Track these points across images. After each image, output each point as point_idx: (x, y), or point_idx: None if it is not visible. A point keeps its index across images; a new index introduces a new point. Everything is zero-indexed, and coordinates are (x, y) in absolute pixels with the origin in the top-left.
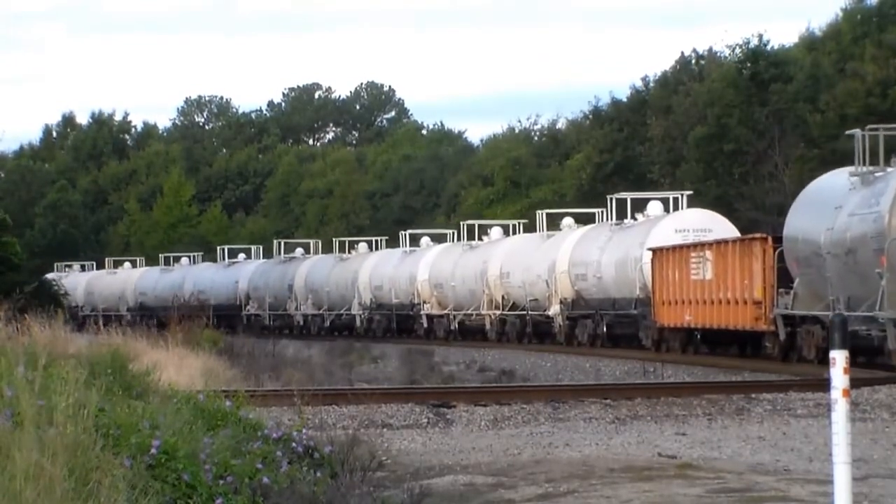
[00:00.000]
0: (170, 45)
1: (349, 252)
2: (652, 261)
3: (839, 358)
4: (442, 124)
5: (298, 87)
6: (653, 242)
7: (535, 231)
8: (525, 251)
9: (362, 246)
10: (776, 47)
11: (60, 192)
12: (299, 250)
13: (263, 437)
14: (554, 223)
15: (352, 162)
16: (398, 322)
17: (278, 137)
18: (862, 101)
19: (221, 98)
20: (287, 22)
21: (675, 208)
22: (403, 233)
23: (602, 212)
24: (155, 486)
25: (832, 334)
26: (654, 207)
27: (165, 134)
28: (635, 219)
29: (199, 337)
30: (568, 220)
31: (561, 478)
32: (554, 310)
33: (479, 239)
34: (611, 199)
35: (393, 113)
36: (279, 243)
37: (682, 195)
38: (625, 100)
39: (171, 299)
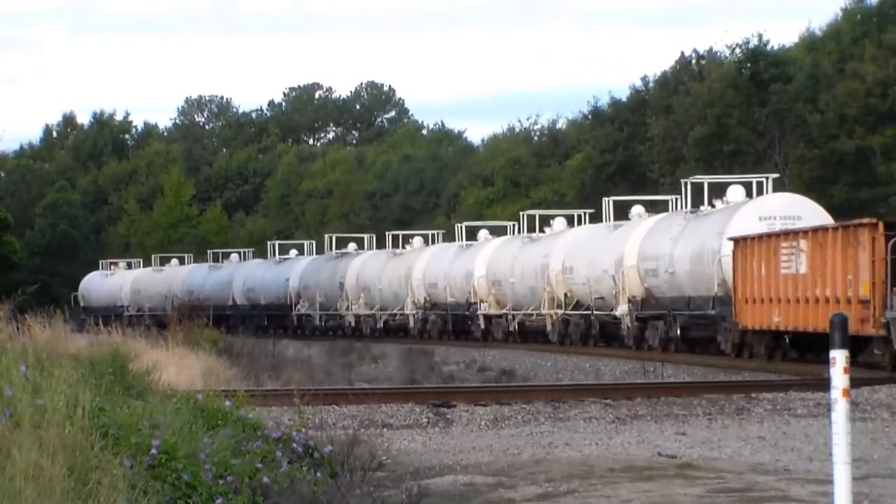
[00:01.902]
0: (170, 45)
1: (403, 247)
2: (733, 253)
3: (839, 358)
4: (442, 124)
5: (298, 87)
6: (734, 232)
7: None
8: (589, 244)
9: (417, 240)
10: (776, 47)
11: (60, 192)
12: (352, 245)
13: (263, 437)
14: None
15: (352, 162)
16: (454, 323)
17: (278, 137)
18: (862, 101)
19: (221, 98)
20: (287, 22)
21: (759, 193)
22: (459, 225)
23: (675, 199)
24: (155, 486)
25: (832, 334)
26: (735, 192)
27: (166, 134)
28: (713, 205)
29: (199, 337)
30: (638, 209)
31: (561, 478)
32: (621, 309)
33: (542, 231)
34: (685, 184)
35: (393, 113)
36: (330, 238)
37: (766, 178)
38: (624, 100)
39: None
